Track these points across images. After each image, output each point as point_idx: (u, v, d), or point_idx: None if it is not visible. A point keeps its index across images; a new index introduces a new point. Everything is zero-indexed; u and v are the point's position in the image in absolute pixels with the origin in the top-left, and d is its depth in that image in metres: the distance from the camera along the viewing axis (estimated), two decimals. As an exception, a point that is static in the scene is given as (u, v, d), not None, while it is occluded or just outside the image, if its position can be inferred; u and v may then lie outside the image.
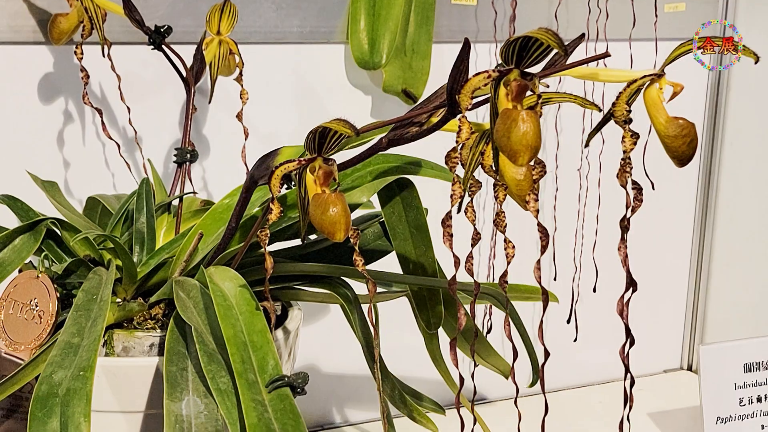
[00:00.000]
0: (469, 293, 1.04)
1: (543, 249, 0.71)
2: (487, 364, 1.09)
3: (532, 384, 1.05)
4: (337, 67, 1.35)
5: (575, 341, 1.44)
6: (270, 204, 0.78)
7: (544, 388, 0.75)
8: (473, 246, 0.71)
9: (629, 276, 0.70)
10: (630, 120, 0.71)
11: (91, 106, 1.12)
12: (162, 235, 1.05)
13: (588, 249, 1.49)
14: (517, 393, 0.75)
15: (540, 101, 0.70)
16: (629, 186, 0.71)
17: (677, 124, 0.71)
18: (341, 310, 0.95)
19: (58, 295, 0.90)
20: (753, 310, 1.60)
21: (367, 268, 0.81)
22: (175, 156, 1.11)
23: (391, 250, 1.01)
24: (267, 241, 0.80)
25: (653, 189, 0.81)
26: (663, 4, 1.47)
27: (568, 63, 0.74)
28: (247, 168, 1.10)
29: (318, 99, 1.35)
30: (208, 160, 1.30)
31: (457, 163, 0.71)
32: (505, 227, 0.73)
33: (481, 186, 0.74)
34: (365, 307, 0.95)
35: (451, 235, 0.72)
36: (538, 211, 0.71)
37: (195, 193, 1.15)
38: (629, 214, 0.70)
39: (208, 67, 1.10)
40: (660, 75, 0.71)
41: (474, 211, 0.72)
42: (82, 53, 1.10)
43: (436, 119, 0.77)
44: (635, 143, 0.70)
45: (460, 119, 0.69)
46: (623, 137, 0.71)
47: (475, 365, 0.84)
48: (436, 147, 0.89)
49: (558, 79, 1.35)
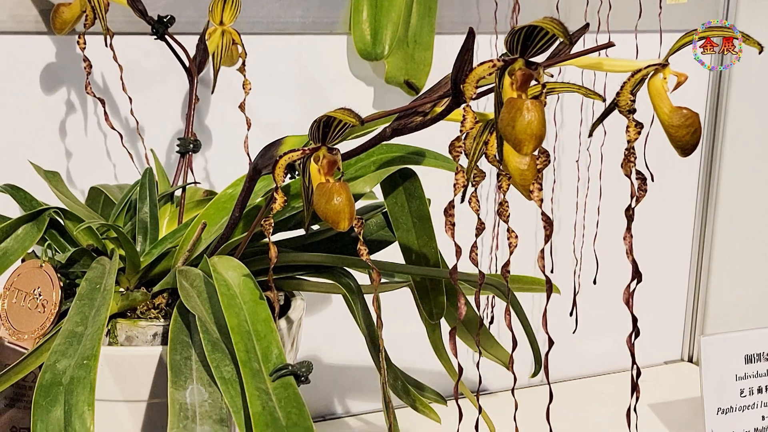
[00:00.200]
0: (471, 284, 1.04)
1: (547, 238, 0.71)
2: (490, 354, 1.09)
3: (534, 374, 1.05)
4: (340, 58, 1.35)
5: (574, 333, 1.44)
6: (274, 193, 0.78)
7: (548, 376, 0.75)
8: (477, 236, 0.71)
9: (635, 265, 0.70)
10: (634, 110, 0.71)
11: (94, 96, 1.12)
12: (165, 225, 1.05)
13: (588, 241, 1.49)
14: (515, 382, 0.75)
15: (544, 91, 0.70)
16: (633, 176, 0.71)
17: (681, 113, 0.71)
18: (344, 300, 0.95)
19: (61, 285, 0.90)
20: (754, 301, 1.60)
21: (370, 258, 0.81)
22: (178, 146, 1.11)
23: (394, 240, 1.01)
24: (271, 231, 0.80)
25: (652, 180, 0.81)
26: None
27: (572, 53, 0.74)
28: (250, 158, 1.10)
29: (320, 90, 1.35)
30: (210, 150, 1.30)
31: (461, 153, 0.71)
32: (508, 217, 0.73)
33: (485, 176, 0.74)
34: (368, 298, 0.95)
35: (454, 225, 0.72)
36: (542, 201, 0.71)
37: (198, 184, 1.15)
38: (634, 203, 0.70)
39: (210, 58, 1.10)
40: (664, 65, 0.71)
41: (478, 201, 0.72)
42: (84, 43, 1.09)
43: (440, 109, 0.77)
44: (639, 133, 0.70)
45: (464, 108, 0.69)
46: (627, 127, 0.70)
47: (480, 356, 0.84)
48: (439, 137, 0.89)
49: (558, 71, 1.35)
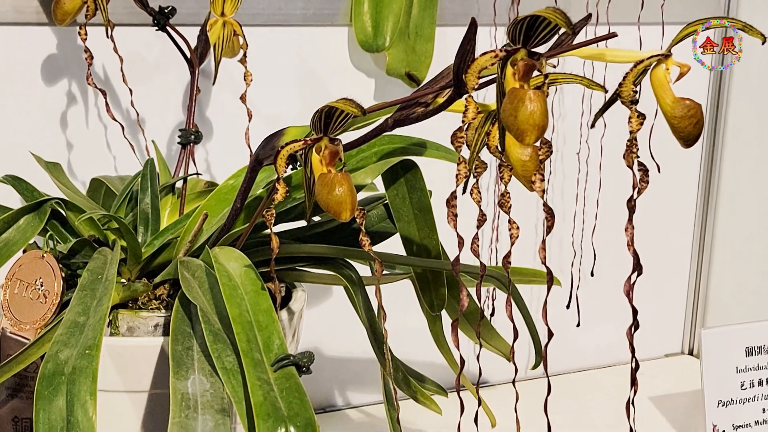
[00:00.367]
0: (472, 275, 1.04)
1: (548, 229, 0.71)
2: (490, 346, 1.09)
3: (535, 366, 1.05)
4: (341, 50, 1.35)
5: (578, 326, 1.44)
6: (276, 184, 0.78)
7: (547, 368, 0.75)
8: (479, 227, 0.71)
9: (636, 258, 0.70)
10: (636, 100, 0.71)
11: (95, 87, 1.12)
12: (166, 216, 1.06)
13: (587, 234, 1.49)
14: (516, 373, 0.76)
15: (546, 81, 0.70)
16: (635, 167, 0.71)
17: (684, 104, 0.71)
18: (345, 292, 0.95)
19: (63, 275, 0.90)
20: (755, 293, 1.60)
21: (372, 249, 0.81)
22: (179, 137, 1.11)
23: (395, 232, 1.01)
24: (273, 222, 0.80)
25: (659, 172, 0.81)
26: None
27: (574, 43, 0.74)
28: (251, 150, 1.10)
29: (321, 81, 1.35)
30: (211, 141, 1.30)
31: (463, 143, 0.71)
32: (510, 208, 0.73)
33: (487, 167, 0.74)
34: (369, 290, 0.95)
35: (456, 215, 0.72)
36: (545, 192, 0.71)
37: (199, 175, 1.15)
38: (636, 195, 0.70)
39: (212, 49, 1.09)
40: (667, 55, 0.71)
41: (480, 192, 0.72)
42: (86, 34, 1.09)
43: (442, 100, 0.77)
44: (642, 123, 0.70)
45: (466, 99, 0.69)
46: (630, 118, 0.70)
47: (480, 347, 0.84)
48: (441, 128, 0.89)
49: (558, 62, 1.35)
